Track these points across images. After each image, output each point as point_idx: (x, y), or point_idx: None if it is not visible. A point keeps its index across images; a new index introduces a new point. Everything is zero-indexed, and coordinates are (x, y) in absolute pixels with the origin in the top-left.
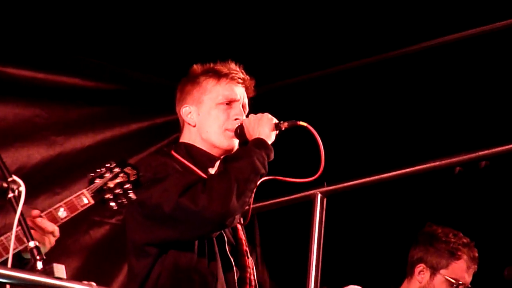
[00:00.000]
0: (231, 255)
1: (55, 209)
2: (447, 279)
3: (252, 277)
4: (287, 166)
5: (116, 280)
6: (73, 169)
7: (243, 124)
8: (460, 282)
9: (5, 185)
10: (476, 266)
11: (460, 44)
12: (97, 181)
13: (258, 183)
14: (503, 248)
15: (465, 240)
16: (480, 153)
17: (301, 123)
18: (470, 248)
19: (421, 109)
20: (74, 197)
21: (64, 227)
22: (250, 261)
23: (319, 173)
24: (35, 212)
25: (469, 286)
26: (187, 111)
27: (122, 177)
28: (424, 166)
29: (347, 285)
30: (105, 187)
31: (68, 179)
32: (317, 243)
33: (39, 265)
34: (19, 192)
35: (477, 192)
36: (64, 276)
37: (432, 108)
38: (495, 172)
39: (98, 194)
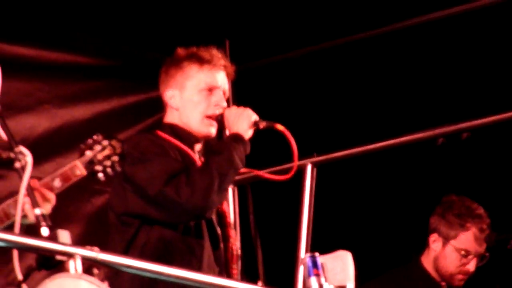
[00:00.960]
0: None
1: (51, 179)
2: (456, 249)
3: (234, 247)
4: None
5: None
6: (74, 141)
7: (224, 114)
8: (470, 252)
9: (12, 155)
10: (486, 236)
11: (446, 20)
12: (88, 153)
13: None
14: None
15: (477, 212)
16: (462, 125)
17: (279, 126)
18: (481, 219)
19: (408, 79)
20: (68, 168)
21: (67, 195)
22: (233, 232)
23: (292, 173)
24: (33, 181)
25: (483, 253)
26: (170, 95)
27: (109, 149)
28: (411, 137)
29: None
30: (94, 159)
31: (68, 150)
32: (307, 212)
33: (45, 231)
34: (26, 162)
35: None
36: (69, 241)
37: (419, 78)
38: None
39: (89, 165)
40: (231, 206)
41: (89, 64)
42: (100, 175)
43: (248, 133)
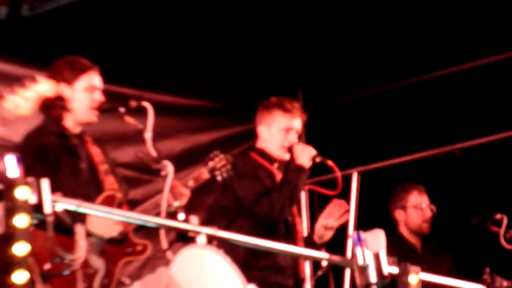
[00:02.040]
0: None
1: (187, 180)
2: (414, 208)
3: (300, 230)
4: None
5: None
6: (198, 157)
7: (294, 148)
8: (423, 204)
9: (159, 166)
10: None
11: None
12: (210, 163)
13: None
14: None
15: (412, 184)
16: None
17: (329, 162)
18: (416, 186)
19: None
20: (198, 173)
21: (196, 192)
22: (299, 220)
23: (339, 189)
24: (174, 182)
25: (430, 204)
26: (262, 130)
27: (224, 161)
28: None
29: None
30: (215, 167)
31: (195, 163)
32: (354, 208)
33: (181, 216)
34: (168, 171)
35: None
36: (197, 223)
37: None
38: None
39: (211, 171)
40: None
41: (205, 106)
42: (219, 178)
43: (308, 164)
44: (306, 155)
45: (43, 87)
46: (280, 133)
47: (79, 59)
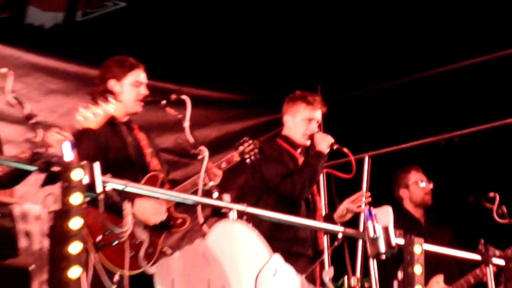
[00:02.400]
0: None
1: (220, 163)
2: (415, 184)
3: (319, 207)
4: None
5: None
6: (229, 143)
7: (314, 136)
8: (422, 181)
9: (196, 151)
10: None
11: None
12: (240, 147)
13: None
14: None
15: (410, 167)
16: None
17: (344, 149)
18: (415, 168)
19: None
20: (230, 156)
21: (228, 173)
22: (318, 198)
23: (352, 174)
24: (210, 165)
25: (427, 180)
26: (287, 119)
27: (253, 145)
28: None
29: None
30: (244, 151)
31: (227, 148)
32: (365, 187)
33: (215, 194)
34: (204, 155)
35: None
36: (229, 200)
37: None
38: None
39: (241, 155)
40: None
41: (235, 99)
42: (247, 160)
43: (326, 151)
44: (325, 143)
45: (112, 107)
46: (303, 122)
47: (127, 58)
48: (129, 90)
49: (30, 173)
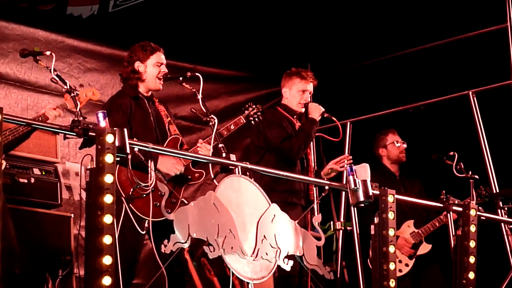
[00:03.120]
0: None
1: (229, 125)
2: (392, 144)
3: (311, 164)
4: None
5: None
6: (235, 112)
7: (308, 105)
8: (398, 142)
9: (208, 119)
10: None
11: None
12: (246, 111)
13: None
14: None
15: (388, 130)
16: None
17: (333, 118)
18: (391, 132)
19: None
20: (237, 119)
21: (234, 134)
22: (311, 156)
23: (339, 138)
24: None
25: (402, 141)
26: (284, 91)
27: (256, 109)
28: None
29: None
30: (249, 114)
31: (233, 117)
32: (347, 149)
33: (224, 154)
34: (215, 122)
35: None
36: (235, 159)
37: None
38: None
39: (247, 118)
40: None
41: (240, 75)
42: (252, 122)
43: (318, 118)
44: (317, 111)
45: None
46: (298, 93)
47: (149, 43)
48: (152, 70)
49: None
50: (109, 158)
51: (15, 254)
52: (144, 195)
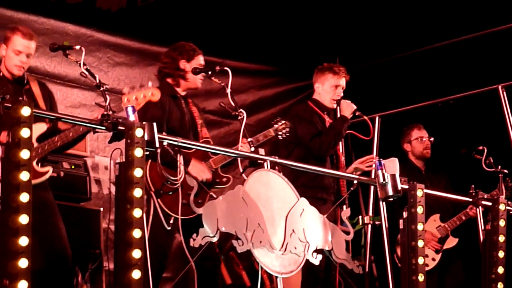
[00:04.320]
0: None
1: (258, 136)
2: (418, 139)
3: (341, 160)
4: None
5: None
6: (263, 106)
7: (341, 102)
8: (423, 137)
9: (236, 113)
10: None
11: None
12: (275, 126)
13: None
14: None
15: (415, 124)
16: None
17: (364, 116)
18: (418, 127)
19: None
20: (267, 131)
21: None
22: (341, 154)
23: (370, 137)
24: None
25: (429, 138)
26: (317, 86)
27: (284, 125)
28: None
29: None
30: (278, 128)
31: (261, 111)
32: (376, 143)
33: (252, 148)
34: (243, 117)
35: None
36: (263, 153)
37: None
38: None
39: (275, 131)
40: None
41: (268, 69)
42: (280, 137)
43: (349, 116)
44: (349, 109)
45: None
46: (330, 89)
47: (193, 45)
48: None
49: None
50: (138, 152)
51: (65, 256)
52: (171, 193)
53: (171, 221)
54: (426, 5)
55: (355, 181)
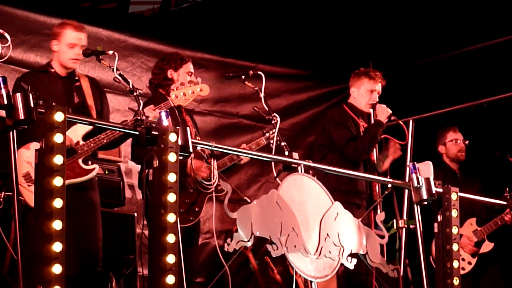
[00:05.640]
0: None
1: (252, 144)
2: (452, 141)
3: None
4: None
5: None
6: (297, 110)
7: (376, 107)
8: (458, 139)
9: (270, 117)
10: (458, 132)
11: None
12: (266, 134)
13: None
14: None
15: (450, 128)
16: None
17: (400, 121)
18: (453, 129)
19: None
20: (259, 140)
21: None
22: (374, 156)
23: (406, 141)
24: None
25: (464, 140)
26: (353, 90)
27: (273, 134)
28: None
29: None
30: (269, 137)
31: (296, 114)
32: (410, 147)
33: (286, 152)
34: (277, 120)
35: None
36: (297, 157)
37: None
38: None
39: (267, 139)
40: None
41: (301, 73)
42: (271, 145)
43: (385, 121)
44: (384, 114)
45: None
46: (366, 93)
47: (179, 54)
48: (183, 78)
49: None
50: (172, 157)
51: (96, 259)
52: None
53: None
54: (459, 9)
55: (390, 185)
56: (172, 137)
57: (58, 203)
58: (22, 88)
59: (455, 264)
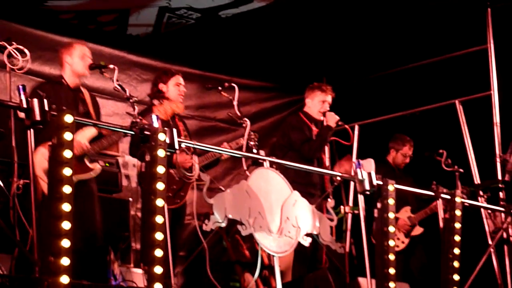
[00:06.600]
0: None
1: (232, 143)
2: (401, 154)
3: (324, 162)
4: None
5: None
6: (262, 115)
7: (326, 114)
8: (407, 154)
9: (241, 121)
10: (410, 145)
11: None
12: (245, 136)
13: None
14: None
15: (404, 137)
16: None
17: (346, 126)
18: (407, 140)
19: None
20: (238, 140)
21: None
22: (325, 157)
23: (351, 142)
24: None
25: (410, 154)
26: (308, 101)
27: (253, 135)
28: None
29: None
30: (249, 137)
31: (261, 119)
32: (356, 149)
33: (255, 150)
34: (247, 124)
35: None
36: (264, 154)
37: None
38: None
39: (247, 141)
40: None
41: (267, 85)
42: (250, 145)
43: (333, 125)
44: (333, 120)
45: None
46: (318, 103)
47: (171, 69)
48: (172, 89)
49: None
50: (161, 153)
51: (97, 237)
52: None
53: None
54: (396, 34)
55: (339, 178)
56: (161, 136)
57: (67, 189)
58: (38, 94)
59: (391, 243)
